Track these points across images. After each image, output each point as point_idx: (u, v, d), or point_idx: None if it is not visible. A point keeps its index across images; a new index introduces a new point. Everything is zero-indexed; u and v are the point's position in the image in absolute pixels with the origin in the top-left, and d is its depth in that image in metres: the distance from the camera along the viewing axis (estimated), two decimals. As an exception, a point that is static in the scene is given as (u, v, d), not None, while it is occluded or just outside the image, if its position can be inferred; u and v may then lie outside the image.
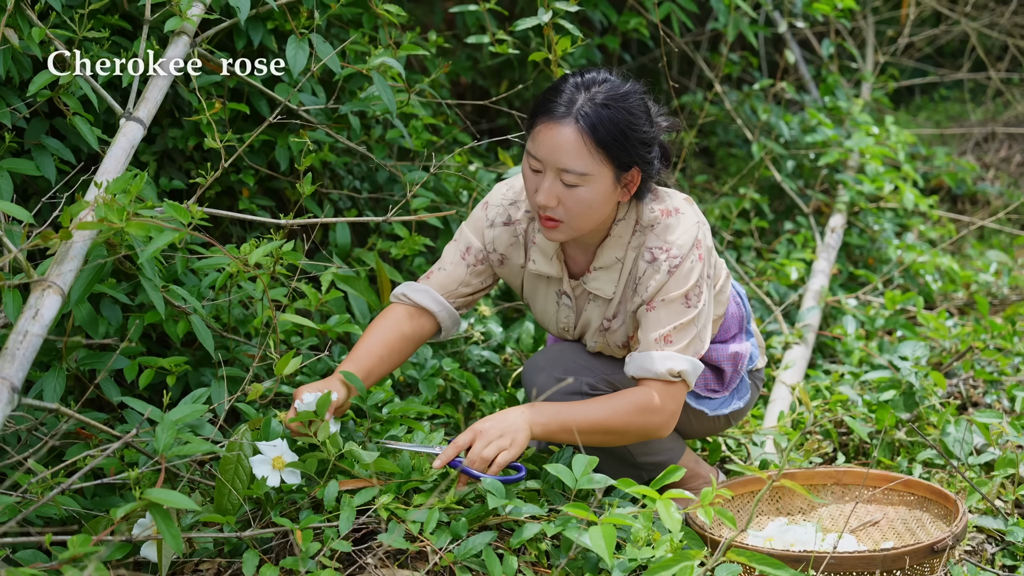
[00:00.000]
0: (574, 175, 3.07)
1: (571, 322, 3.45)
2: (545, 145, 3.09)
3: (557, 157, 3.07)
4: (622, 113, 3.09)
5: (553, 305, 3.45)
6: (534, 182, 3.14)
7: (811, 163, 6.30)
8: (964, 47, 8.81)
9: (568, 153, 3.07)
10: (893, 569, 2.93)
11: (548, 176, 3.10)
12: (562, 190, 3.10)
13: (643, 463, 3.43)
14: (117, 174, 3.00)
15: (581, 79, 3.13)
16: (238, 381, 3.37)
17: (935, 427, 3.95)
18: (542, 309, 3.49)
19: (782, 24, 6.27)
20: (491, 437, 3.07)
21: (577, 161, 3.07)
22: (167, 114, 3.96)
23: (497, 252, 3.43)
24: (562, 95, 3.10)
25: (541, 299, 3.47)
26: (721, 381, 3.58)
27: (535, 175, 3.14)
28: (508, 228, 3.41)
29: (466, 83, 6.21)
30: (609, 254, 3.30)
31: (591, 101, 3.08)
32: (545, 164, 3.10)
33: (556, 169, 3.09)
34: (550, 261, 3.37)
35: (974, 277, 5.83)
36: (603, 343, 3.42)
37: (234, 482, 2.86)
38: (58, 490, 2.56)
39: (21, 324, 2.57)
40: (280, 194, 4.34)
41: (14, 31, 3.19)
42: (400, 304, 3.39)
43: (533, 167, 3.13)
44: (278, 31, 4.00)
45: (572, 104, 3.08)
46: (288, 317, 3.27)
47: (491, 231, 3.42)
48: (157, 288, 2.99)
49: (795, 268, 5.43)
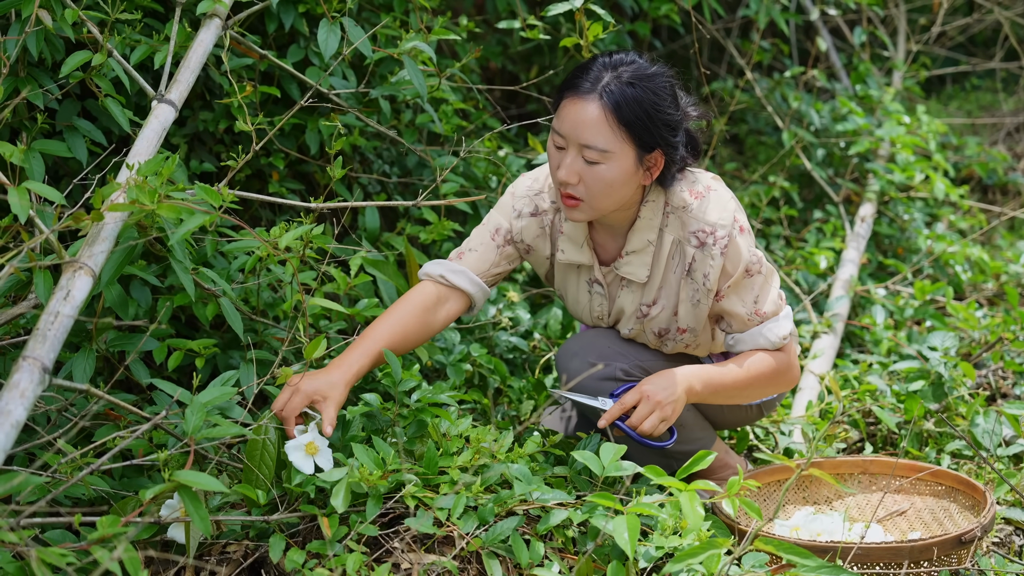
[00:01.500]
0: (595, 151, 3.11)
1: (604, 310, 3.46)
2: (568, 120, 3.13)
3: (579, 132, 3.11)
4: (647, 93, 3.12)
5: (585, 295, 3.46)
6: (556, 159, 3.18)
7: (841, 152, 6.27)
8: (997, 36, 8.76)
9: (590, 129, 3.11)
10: (920, 560, 2.92)
11: (570, 152, 3.14)
12: (583, 167, 3.14)
13: (673, 451, 3.43)
14: (148, 156, 3.00)
15: (610, 59, 3.17)
16: (267, 364, 3.38)
17: (964, 418, 3.94)
18: (574, 299, 3.51)
19: (814, 11, 6.24)
20: (656, 402, 3.22)
21: (599, 137, 3.10)
22: (198, 96, 3.97)
23: (524, 243, 3.45)
24: (589, 72, 3.14)
25: (573, 289, 3.49)
26: None
27: (558, 152, 3.18)
28: (535, 219, 3.44)
29: (496, 68, 6.20)
30: (640, 237, 3.32)
31: (617, 79, 3.11)
32: (568, 140, 3.14)
33: (578, 145, 3.12)
34: (580, 249, 3.39)
35: (1004, 268, 5.79)
36: (639, 330, 3.43)
37: (261, 466, 2.87)
38: (87, 471, 2.58)
39: (52, 305, 2.58)
40: (310, 178, 4.35)
41: (47, 12, 3.20)
42: (433, 283, 3.39)
43: (557, 144, 3.17)
44: (309, 14, 4.00)
45: (598, 81, 3.12)
46: (317, 301, 3.27)
47: (518, 221, 3.44)
48: (187, 270, 3.00)
49: (824, 257, 5.42)
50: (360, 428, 3.13)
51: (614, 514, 2.83)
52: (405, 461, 3.01)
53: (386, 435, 3.16)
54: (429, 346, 3.84)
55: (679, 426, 3.43)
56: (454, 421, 3.23)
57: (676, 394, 3.24)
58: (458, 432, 3.19)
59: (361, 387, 3.60)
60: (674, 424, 3.38)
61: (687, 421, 3.45)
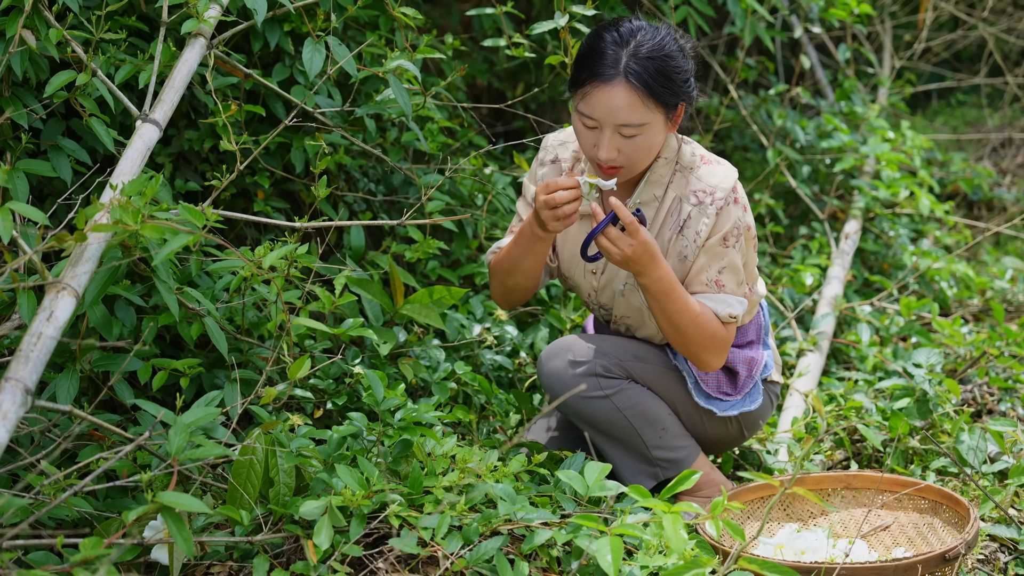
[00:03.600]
0: (632, 127, 3.25)
1: (600, 263, 3.54)
2: (600, 106, 3.24)
3: (615, 116, 3.24)
4: (665, 61, 3.28)
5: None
6: (591, 138, 3.30)
7: (827, 168, 6.29)
8: (982, 52, 8.78)
9: (625, 110, 3.23)
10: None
11: (606, 132, 3.27)
12: (622, 141, 3.28)
13: (658, 458, 3.46)
14: (133, 176, 3.00)
15: (618, 34, 3.28)
16: (251, 383, 3.37)
17: (949, 435, 3.94)
18: (571, 253, 3.58)
19: (798, 29, 6.25)
20: (629, 245, 3.26)
21: (634, 115, 3.24)
22: (183, 115, 3.96)
23: None
24: (606, 56, 3.26)
25: (572, 242, 3.57)
26: (734, 384, 3.60)
27: (590, 131, 3.30)
28: (554, 166, 3.58)
29: (482, 85, 6.21)
30: (649, 191, 3.45)
31: (635, 57, 3.25)
32: (602, 122, 3.26)
33: (614, 125, 3.24)
34: (587, 200, 3.46)
35: (990, 283, 5.81)
36: (631, 286, 3.50)
37: (247, 485, 2.87)
38: (70, 492, 2.57)
39: (35, 326, 2.57)
40: (295, 196, 4.35)
41: (31, 32, 3.19)
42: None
43: (588, 124, 3.29)
44: (295, 33, 4.00)
45: (618, 63, 3.24)
46: (301, 321, 3.27)
47: (541, 170, 3.60)
48: (171, 290, 2.99)
49: (810, 274, 5.42)
50: (344, 448, 3.13)
51: (599, 534, 2.83)
52: (389, 481, 3.01)
53: (371, 455, 3.16)
54: (414, 364, 3.84)
55: (661, 429, 3.47)
56: (439, 440, 3.23)
57: (647, 254, 3.27)
58: (443, 452, 3.19)
59: (346, 406, 3.60)
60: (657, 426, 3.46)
61: (669, 426, 3.49)
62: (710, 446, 3.69)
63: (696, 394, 3.55)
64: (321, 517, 2.81)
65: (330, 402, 3.61)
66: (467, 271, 4.54)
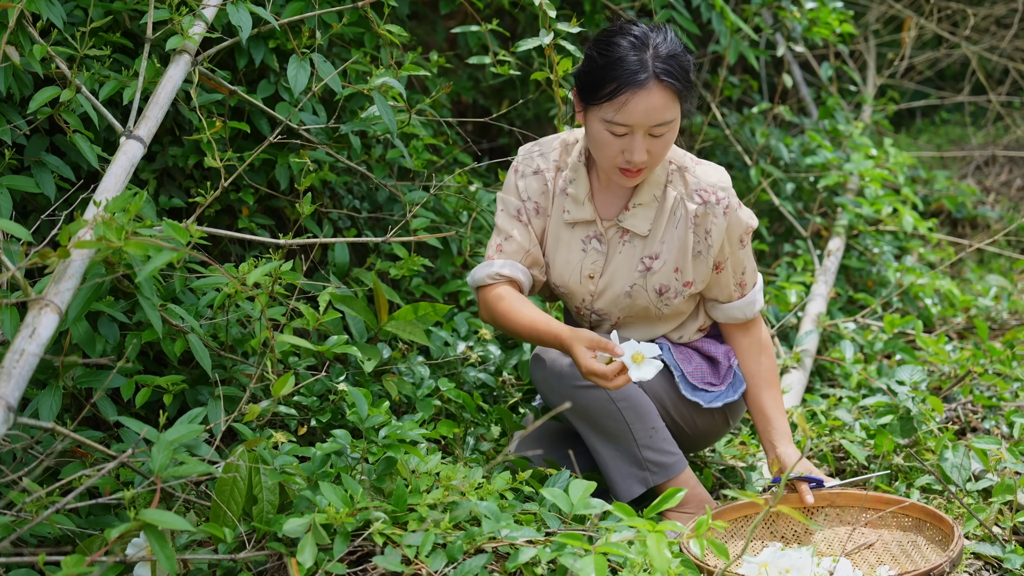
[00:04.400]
0: (665, 126, 3.35)
1: (599, 267, 3.57)
2: (638, 112, 3.31)
3: (652, 118, 3.32)
4: (682, 57, 3.38)
5: (578, 253, 3.58)
6: (618, 145, 3.37)
7: (810, 186, 6.30)
8: (965, 70, 8.82)
9: (661, 110, 3.33)
10: None
11: (638, 136, 3.35)
12: (651, 142, 3.36)
13: (648, 459, 3.49)
14: (116, 192, 3.00)
15: (634, 37, 3.36)
16: (235, 400, 3.37)
17: (933, 452, 3.94)
18: (564, 261, 3.60)
19: (782, 47, 6.27)
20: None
21: (668, 113, 3.34)
22: (167, 132, 3.96)
23: (532, 200, 3.60)
24: (632, 63, 3.32)
25: (564, 250, 3.60)
26: (717, 374, 3.70)
27: (618, 139, 3.35)
28: (537, 176, 3.60)
29: (467, 102, 6.21)
30: (648, 192, 3.51)
31: (659, 57, 3.33)
32: (636, 127, 3.33)
33: (647, 127, 3.33)
34: (583, 206, 3.55)
35: (973, 301, 5.82)
36: (640, 286, 3.55)
37: (230, 503, 2.86)
38: (53, 509, 2.56)
39: (18, 343, 2.57)
40: (280, 213, 4.34)
41: (15, 48, 3.19)
42: (500, 284, 3.57)
43: (619, 132, 3.34)
44: (280, 50, 4.00)
45: (646, 66, 3.32)
46: (285, 338, 3.27)
47: (523, 181, 3.61)
48: (155, 307, 2.99)
49: (794, 291, 5.43)
50: (328, 465, 3.12)
51: (583, 553, 2.82)
52: (373, 498, 3.01)
53: (355, 472, 3.15)
54: (399, 381, 3.83)
55: (652, 428, 3.51)
56: (423, 458, 3.22)
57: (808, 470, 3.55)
58: (427, 469, 3.18)
59: (330, 423, 3.59)
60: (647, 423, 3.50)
61: (659, 427, 3.54)
62: (699, 439, 3.75)
63: (683, 387, 3.61)
64: (305, 535, 2.80)
65: (314, 419, 3.60)
66: (452, 288, 4.54)
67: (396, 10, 4.55)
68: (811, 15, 5.99)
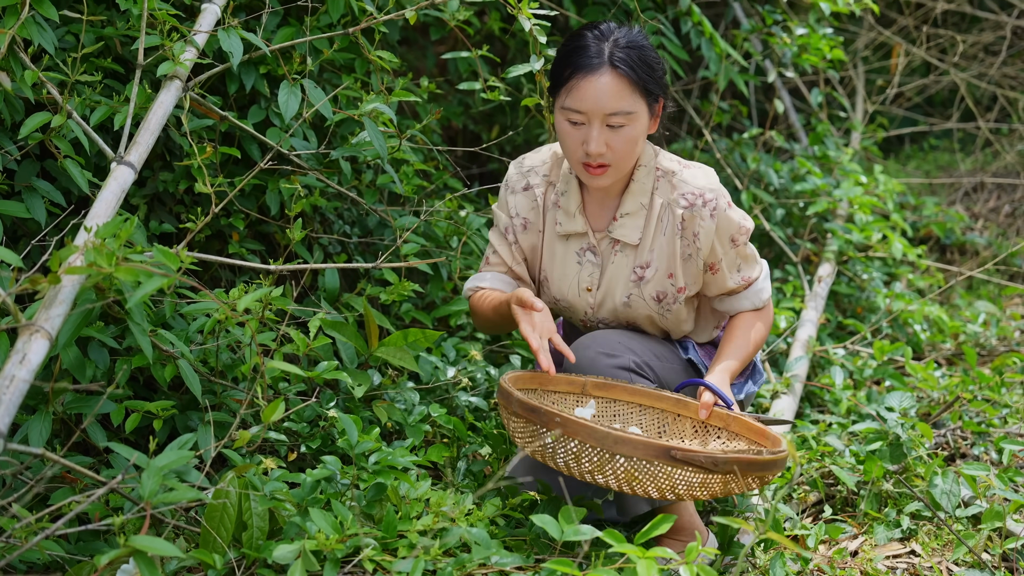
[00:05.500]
0: (621, 116, 3.35)
1: (595, 279, 3.59)
2: (589, 97, 3.34)
3: (604, 104, 3.33)
4: (644, 50, 3.40)
5: (574, 266, 3.60)
6: (577, 136, 3.39)
7: (800, 212, 6.31)
8: (954, 97, 8.86)
9: (614, 97, 3.33)
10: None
11: (595, 125, 3.36)
12: (610, 134, 3.37)
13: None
14: (107, 218, 3.00)
15: (598, 31, 3.42)
16: (225, 426, 3.36)
17: (922, 479, 3.95)
18: (561, 275, 3.63)
19: (772, 73, 6.29)
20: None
21: (622, 102, 3.34)
22: (158, 157, 3.96)
23: (520, 216, 3.64)
24: (588, 49, 3.38)
25: (560, 264, 3.62)
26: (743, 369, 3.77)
27: (577, 129, 3.39)
28: (527, 193, 3.63)
29: (457, 128, 6.22)
30: (633, 200, 3.52)
31: (616, 46, 3.37)
32: (590, 115, 3.35)
33: (602, 116, 3.35)
34: (574, 218, 3.57)
35: (962, 327, 5.83)
36: (637, 296, 3.57)
37: (220, 529, 2.85)
38: (43, 535, 2.55)
39: (8, 369, 2.56)
40: (270, 238, 4.34)
41: (7, 74, 3.19)
42: (487, 292, 3.64)
43: (574, 120, 3.37)
44: (270, 76, 4.01)
45: (601, 54, 3.36)
46: (276, 364, 3.26)
47: (513, 198, 3.65)
48: (145, 332, 2.99)
49: (784, 317, 5.44)
50: (318, 491, 3.12)
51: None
52: (363, 524, 3.00)
53: (345, 498, 3.15)
54: (389, 407, 3.83)
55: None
56: (413, 484, 3.22)
57: (724, 387, 3.49)
58: (417, 495, 3.18)
59: (320, 449, 3.59)
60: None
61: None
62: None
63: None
64: (295, 561, 2.80)
65: (304, 445, 3.60)
66: (442, 313, 4.54)
67: (387, 36, 4.56)
68: (801, 41, 6.01)
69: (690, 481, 2.99)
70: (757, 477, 3.05)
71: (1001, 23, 8.44)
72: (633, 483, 2.99)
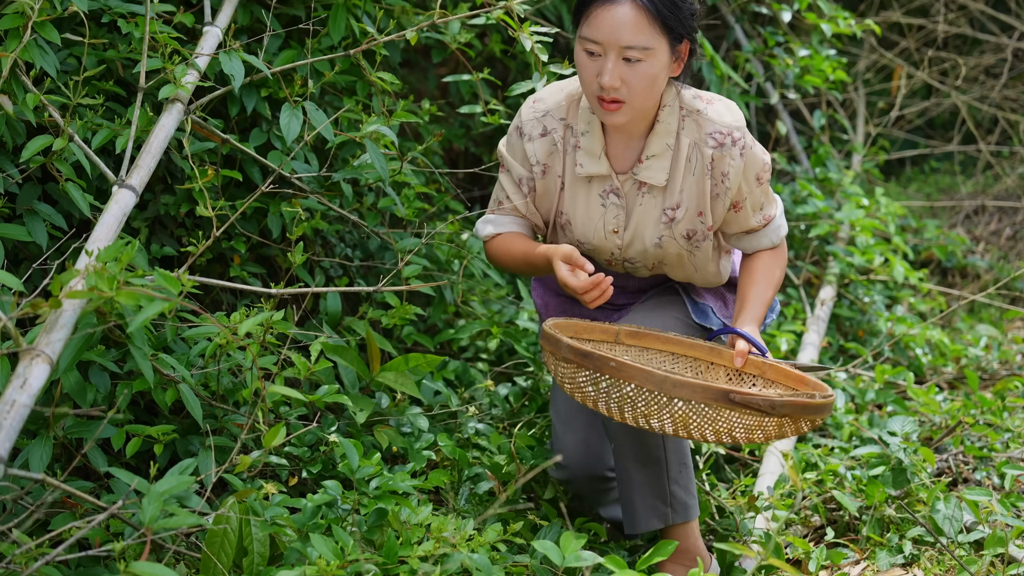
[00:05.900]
0: (637, 50, 3.25)
1: (621, 222, 3.55)
2: (606, 26, 3.24)
3: (620, 35, 3.24)
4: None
5: (599, 209, 3.55)
6: (593, 68, 3.31)
7: (801, 234, 6.31)
8: (955, 119, 8.86)
9: (630, 29, 3.23)
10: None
11: (610, 57, 3.27)
12: (625, 69, 3.27)
13: (674, 494, 3.53)
14: (108, 242, 2.99)
15: None
16: (226, 450, 3.35)
17: (925, 503, 3.94)
18: (585, 218, 3.58)
19: (774, 95, 6.30)
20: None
21: (639, 36, 3.24)
22: (159, 180, 3.96)
23: (540, 163, 3.55)
24: None
25: (583, 207, 3.57)
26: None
27: (593, 60, 3.30)
28: (546, 138, 3.53)
29: (459, 150, 6.22)
30: (659, 142, 3.45)
31: None
32: (606, 46, 3.26)
33: (618, 48, 3.25)
34: (598, 160, 3.50)
35: (964, 351, 5.82)
36: (668, 237, 3.54)
37: (220, 554, 2.84)
38: (43, 561, 2.54)
39: (9, 394, 2.56)
40: (272, 261, 4.34)
41: (9, 97, 3.20)
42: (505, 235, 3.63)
43: (591, 50, 3.29)
44: (272, 98, 4.01)
45: None
46: (277, 388, 3.26)
47: (531, 145, 3.54)
48: (146, 356, 2.98)
49: (785, 340, 5.43)
50: (319, 516, 3.11)
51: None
52: (364, 550, 2.99)
53: (346, 524, 3.14)
54: (390, 432, 3.82)
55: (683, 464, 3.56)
56: (415, 509, 3.21)
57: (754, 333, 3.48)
58: (418, 521, 3.17)
59: (321, 474, 3.58)
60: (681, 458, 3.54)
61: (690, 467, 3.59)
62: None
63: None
64: (295, 587, 2.79)
65: (305, 470, 3.59)
66: (444, 337, 4.54)
67: (388, 58, 4.56)
68: (803, 63, 6.02)
69: (747, 424, 3.02)
70: (809, 420, 3.08)
71: (1002, 46, 8.45)
72: (690, 426, 3.00)
